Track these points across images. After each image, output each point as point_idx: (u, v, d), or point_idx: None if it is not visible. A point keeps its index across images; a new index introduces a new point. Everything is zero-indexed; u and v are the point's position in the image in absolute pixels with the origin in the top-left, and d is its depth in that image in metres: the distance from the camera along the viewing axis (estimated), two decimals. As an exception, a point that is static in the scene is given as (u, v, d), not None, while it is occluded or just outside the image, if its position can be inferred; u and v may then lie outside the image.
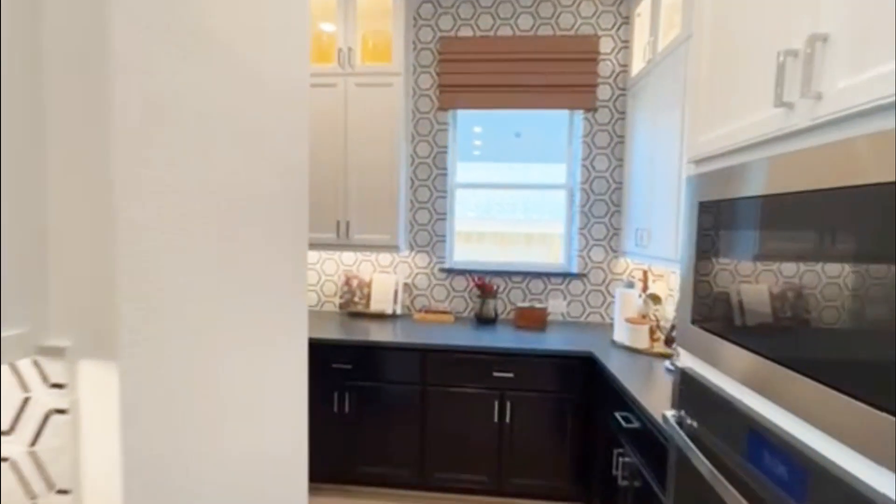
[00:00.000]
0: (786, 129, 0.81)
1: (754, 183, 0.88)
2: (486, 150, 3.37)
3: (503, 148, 6.06)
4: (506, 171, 6.00)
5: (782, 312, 0.80)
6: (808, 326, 0.74)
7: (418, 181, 2.73)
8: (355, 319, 2.57)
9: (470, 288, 2.71)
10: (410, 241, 2.75)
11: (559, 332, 2.40)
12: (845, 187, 0.66)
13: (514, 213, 5.02)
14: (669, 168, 1.93)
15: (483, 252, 5.09)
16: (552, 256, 4.00)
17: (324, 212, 2.48)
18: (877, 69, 0.63)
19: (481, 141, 6.15)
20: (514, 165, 5.31)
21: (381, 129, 2.41)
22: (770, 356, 0.82)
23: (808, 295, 0.74)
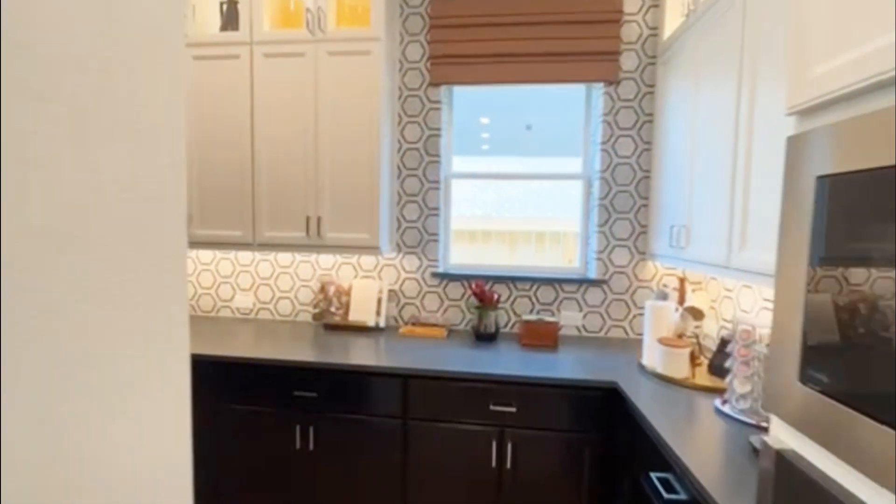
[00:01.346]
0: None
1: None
2: (494, 144, 2.96)
3: (513, 142, 5.52)
4: (516, 167, 5.54)
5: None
6: None
7: (406, 170, 2.32)
8: (331, 333, 2.18)
9: (467, 296, 2.29)
10: (397, 240, 2.34)
11: (574, 351, 1.97)
12: None
13: (521, 210, 4.59)
14: (720, 148, 1.49)
15: (483, 254, 4.65)
16: (566, 259, 3.55)
17: (290, 206, 2.09)
18: None
19: (488, 133, 5.66)
20: (526, 160, 4.85)
21: (360, 108, 2.01)
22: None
23: None
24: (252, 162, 2.10)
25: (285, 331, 2.22)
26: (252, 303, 2.48)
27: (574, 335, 2.23)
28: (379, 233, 2.03)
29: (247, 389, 1.81)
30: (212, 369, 1.83)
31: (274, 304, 2.47)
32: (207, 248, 2.16)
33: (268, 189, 2.10)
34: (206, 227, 2.16)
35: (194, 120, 2.13)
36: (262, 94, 2.07)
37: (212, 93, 2.11)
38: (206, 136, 2.13)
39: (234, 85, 2.08)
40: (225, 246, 2.15)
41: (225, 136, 2.11)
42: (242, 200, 2.12)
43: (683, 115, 1.79)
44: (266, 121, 2.08)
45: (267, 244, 2.12)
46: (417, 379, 1.71)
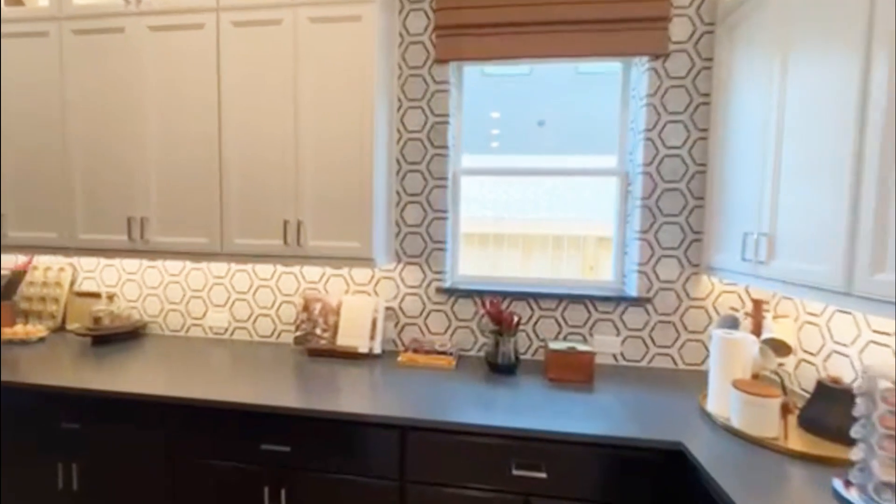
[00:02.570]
0: None
1: None
2: (503, 142, 2.57)
3: (523, 139, 5.07)
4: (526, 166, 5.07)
5: None
6: None
7: (407, 164, 1.94)
8: (316, 361, 1.80)
9: (480, 316, 1.91)
10: (396, 248, 1.96)
11: (613, 388, 1.57)
12: None
13: (536, 212, 4.17)
14: (830, 134, 1.08)
15: (495, 262, 4.20)
16: (585, 266, 3.15)
17: (264, 208, 1.72)
18: None
19: (498, 129, 5.20)
20: (537, 159, 4.41)
21: (350, 90, 1.63)
22: None
23: None
24: (219, 155, 1.73)
25: (263, 356, 1.85)
26: (227, 321, 2.12)
27: (610, 364, 1.83)
28: (372, 241, 1.65)
29: (203, 439, 1.44)
30: (157, 411, 1.46)
31: (252, 322, 2.10)
32: (166, 257, 1.80)
33: (239, 187, 1.73)
34: (164, 234, 1.80)
35: (151, 104, 1.76)
36: (232, 72, 1.70)
37: (171, 71, 1.74)
38: (165, 123, 1.76)
39: (199, 61, 1.71)
40: (187, 256, 1.79)
41: (187, 124, 1.75)
42: (208, 201, 1.75)
43: (760, 93, 1.39)
44: (236, 105, 1.71)
45: (237, 254, 1.75)
46: (419, 431, 1.33)
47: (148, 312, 2.19)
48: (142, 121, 1.77)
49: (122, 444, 1.50)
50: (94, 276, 2.23)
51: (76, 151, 1.83)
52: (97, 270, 2.22)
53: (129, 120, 1.78)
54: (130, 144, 1.79)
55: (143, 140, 1.78)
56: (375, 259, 1.67)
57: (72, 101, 1.82)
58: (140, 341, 2.04)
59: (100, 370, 1.65)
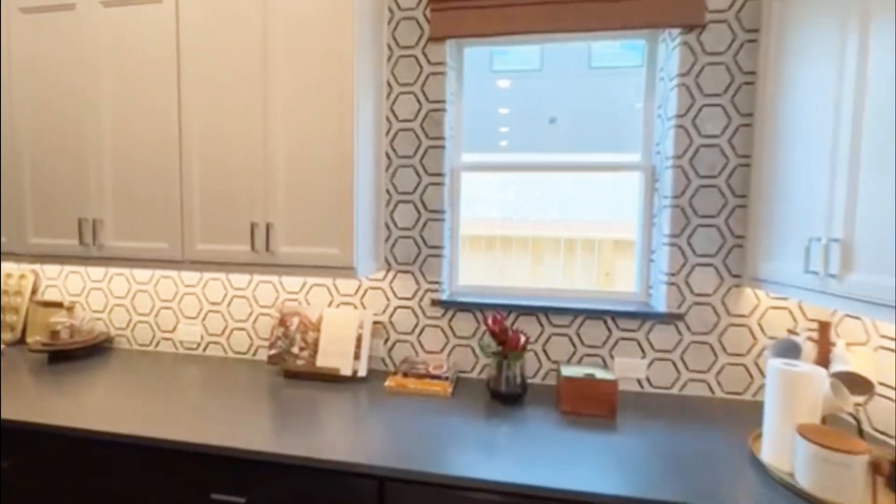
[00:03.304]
0: None
1: None
2: (512, 141, 2.34)
3: (534, 137, 4.69)
4: (535, 172, 4.75)
5: None
6: None
7: (398, 159, 1.69)
8: (292, 385, 1.56)
9: (482, 333, 1.65)
10: (386, 255, 1.72)
11: (640, 423, 1.30)
12: None
13: (545, 213, 3.90)
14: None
15: (507, 270, 3.92)
16: (601, 273, 2.90)
17: (229, 209, 1.48)
18: None
19: (506, 128, 4.90)
20: (551, 157, 4.15)
21: (326, 71, 1.39)
22: None
23: None
24: (179, 146, 1.50)
25: (234, 378, 1.62)
26: (199, 335, 1.90)
27: (634, 391, 1.56)
28: (353, 246, 1.41)
29: (142, 483, 1.21)
30: (91, 449, 1.24)
31: (227, 337, 1.87)
32: (124, 265, 1.58)
33: (201, 184, 1.50)
34: (121, 238, 1.58)
35: (105, 91, 1.54)
36: (193, 53, 1.47)
37: (127, 53, 1.52)
38: (120, 112, 1.54)
39: (157, 42, 1.49)
40: (145, 263, 1.56)
41: (144, 113, 1.52)
42: (167, 201, 1.53)
43: (828, 67, 1.11)
44: (198, 89, 1.48)
45: (200, 261, 1.52)
46: (401, 483, 1.08)
47: (115, 324, 1.98)
48: (95, 111, 1.56)
49: (50, 485, 1.28)
50: (57, 284, 2.03)
51: (24, 144, 1.63)
52: (60, 278, 2.02)
53: (82, 110, 1.57)
54: (83, 136, 1.58)
55: (97, 131, 1.56)
56: (357, 268, 1.43)
57: (18, 90, 1.61)
58: (103, 357, 1.82)
59: (43, 396, 1.43)
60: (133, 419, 1.27)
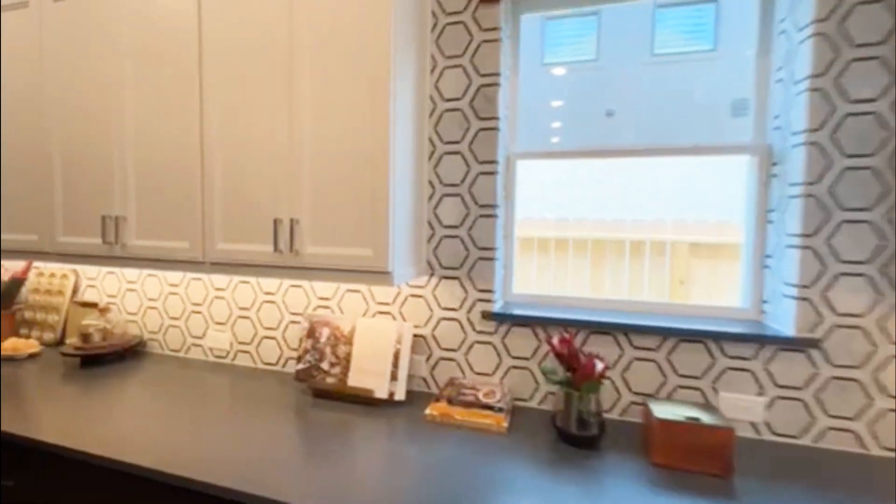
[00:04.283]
0: None
1: None
2: (564, 137, 2.03)
3: (588, 133, 4.27)
4: (596, 167, 4.37)
5: None
6: None
7: (443, 145, 1.44)
8: (320, 406, 1.35)
9: (544, 354, 1.36)
10: (429, 257, 1.47)
11: (767, 492, 0.95)
12: None
13: (620, 212, 3.51)
14: None
15: (559, 280, 3.60)
16: (675, 281, 2.60)
17: (251, 204, 1.30)
18: None
19: (559, 122, 4.53)
20: (613, 161, 3.72)
21: (358, 45, 1.17)
22: None
23: None
24: (201, 137, 1.35)
25: (260, 393, 1.44)
26: (229, 342, 1.75)
27: (748, 438, 1.19)
28: (389, 247, 1.17)
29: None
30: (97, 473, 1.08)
31: (256, 345, 1.71)
32: (146, 265, 1.45)
33: (222, 177, 1.33)
34: (144, 237, 1.45)
35: (128, 81, 1.43)
36: (215, 34, 1.31)
37: (149, 38, 1.39)
38: (143, 102, 1.42)
39: (178, 23, 1.35)
40: (166, 264, 1.42)
41: (162, 100, 1.39)
42: (188, 197, 1.37)
43: None
44: (219, 73, 1.31)
45: (221, 262, 1.35)
46: (444, 558, 0.81)
47: (148, 328, 1.89)
48: (119, 105, 1.44)
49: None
50: (95, 285, 1.98)
51: (55, 144, 1.55)
52: (98, 278, 1.97)
53: (107, 105, 1.46)
54: (108, 132, 1.47)
55: (120, 125, 1.45)
56: (394, 273, 1.19)
57: (50, 86, 1.54)
58: (133, 363, 1.72)
59: (64, 407, 1.32)
60: (147, 444, 1.11)
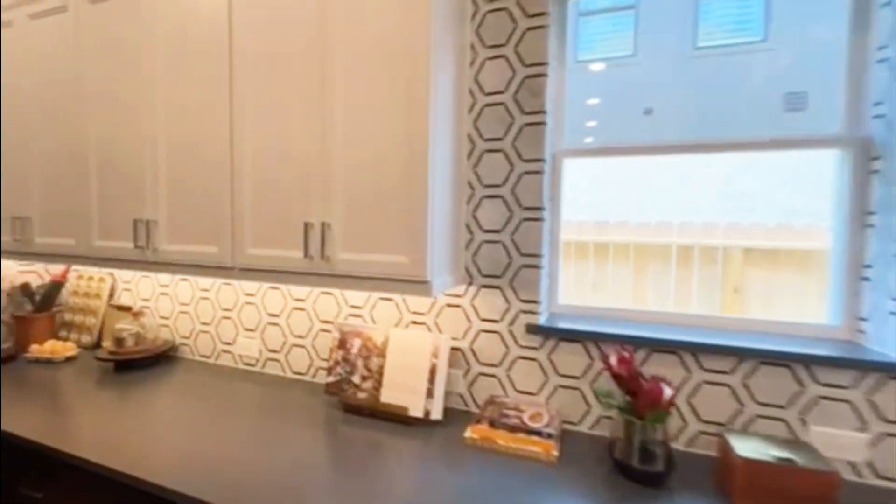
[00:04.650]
0: None
1: None
2: (598, 137, 1.86)
3: (625, 131, 4.18)
4: (637, 166, 4.20)
5: None
6: None
7: (483, 142, 1.33)
8: (350, 422, 1.27)
9: (596, 373, 1.22)
10: (468, 264, 1.36)
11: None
12: None
13: (666, 216, 3.32)
14: None
15: (598, 287, 3.47)
16: (728, 289, 2.45)
17: (281, 208, 1.23)
18: None
19: (594, 121, 4.44)
20: (657, 160, 3.59)
21: (394, 38, 1.08)
22: None
23: None
24: (231, 139, 1.29)
25: (289, 405, 1.37)
26: (258, 349, 1.70)
27: (849, 482, 1.01)
28: (427, 254, 1.07)
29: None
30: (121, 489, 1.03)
31: (285, 353, 1.65)
32: (176, 270, 1.41)
33: (253, 180, 1.27)
34: (174, 241, 1.41)
35: (161, 86, 1.39)
36: (245, 35, 1.25)
37: (179, 40, 1.35)
38: (173, 102, 1.38)
39: (208, 24, 1.30)
40: (195, 269, 1.38)
41: (193, 103, 1.34)
42: (217, 200, 1.32)
43: None
44: (250, 74, 1.25)
45: (250, 268, 1.29)
46: None
47: (179, 332, 1.86)
48: (150, 108, 1.41)
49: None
50: (130, 288, 1.98)
51: (91, 147, 1.54)
52: (133, 281, 1.97)
53: (139, 109, 1.44)
54: (140, 136, 1.44)
55: (152, 129, 1.42)
56: (432, 282, 1.08)
57: (87, 91, 1.53)
58: (165, 368, 1.70)
59: (96, 417, 1.29)
60: (175, 463, 1.05)
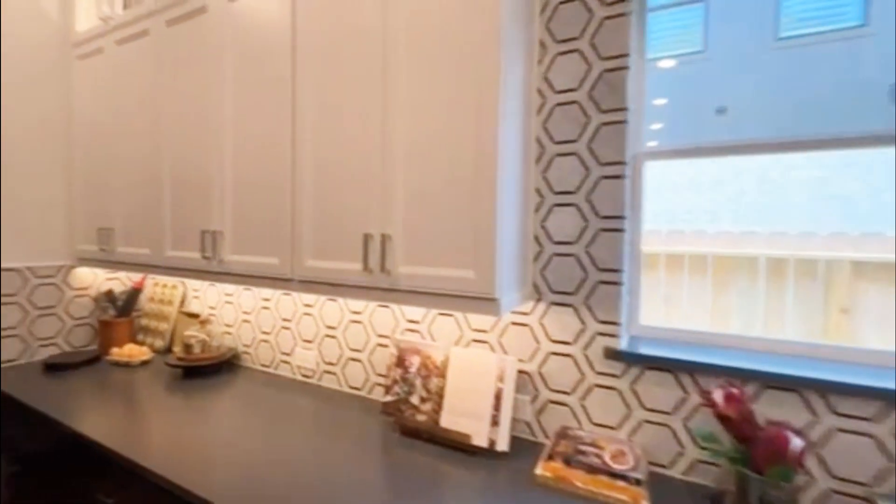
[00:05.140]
0: None
1: None
2: (663, 139, 1.69)
3: (693, 135, 3.63)
4: (707, 169, 3.86)
5: None
6: None
7: (553, 145, 1.21)
8: (409, 447, 1.18)
9: (692, 408, 1.04)
10: (535, 279, 1.24)
11: None
12: None
13: (752, 225, 3.00)
14: None
15: (671, 303, 3.20)
16: (837, 310, 2.16)
17: (341, 218, 1.18)
18: None
19: (660, 124, 4.04)
20: (730, 162, 3.30)
21: (461, 37, 1.00)
22: None
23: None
24: (293, 150, 1.28)
25: (344, 422, 1.31)
26: (315, 361, 1.68)
27: None
28: (496, 269, 0.96)
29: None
30: None
31: (342, 366, 1.61)
32: (239, 281, 1.42)
33: (314, 191, 1.24)
34: (238, 252, 1.42)
35: (227, 98, 1.42)
36: (307, 47, 1.23)
37: (245, 50, 1.37)
38: (239, 114, 1.40)
39: (273, 38, 1.30)
40: (256, 280, 1.37)
41: (258, 117, 1.35)
42: (279, 210, 1.31)
43: None
44: (312, 85, 1.23)
45: (309, 280, 1.26)
46: None
47: (242, 340, 1.90)
48: (218, 123, 1.44)
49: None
50: (199, 296, 2.06)
51: (166, 161, 1.61)
52: (202, 289, 2.04)
53: (208, 125, 1.48)
54: (209, 150, 1.48)
55: (220, 142, 1.45)
56: (500, 299, 0.98)
57: (164, 108, 1.61)
58: (227, 376, 1.73)
59: (163, 424, 1.31)
60: (235, 479, 1.02)
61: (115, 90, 1.77)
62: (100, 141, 1.85)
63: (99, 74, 1.83)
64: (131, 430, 1.25)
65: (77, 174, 1.95)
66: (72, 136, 1.96)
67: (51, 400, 1.46)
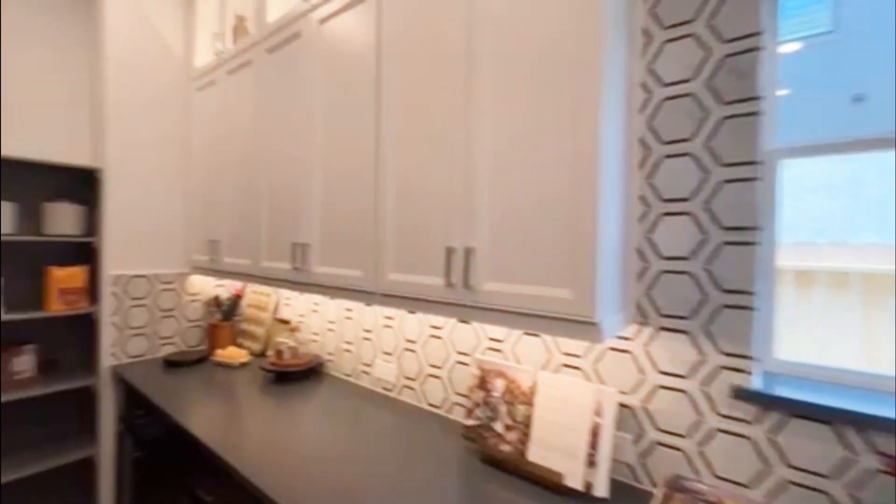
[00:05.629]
0: None
1: None
2: (787, 133, 1.37)
3: (824, 127, 3.01)
4: (837, 167, 3.27)
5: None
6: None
7: (661, 146, 1.05)
8: (491, 479, 1.09)
9: (863, 473, 0.80)
10: (639, 300, 1.08)
11: None
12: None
13: None
14: None
15: (797, 326, 2.71)
16: None
17: (423, 231, 1.14)
18: None
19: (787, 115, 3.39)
20: (866, 156, 2.71)
21: (554, 26, 0.91)
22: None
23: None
24: (375, 160, 1.27)
25: (423, 443, 1.26)
26: (395, 375, 1.66)
27: None
28: (595, 287, 0.84)
29: None
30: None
31: (421, 382, 1.57)
32: (325, 292, 1.45)
33: (397, 202, 1.22)
34: (325, 264, 1.46)
35: (317, 117, 1.48)
36: (391, 59, 1.23)
37: (333, 69, 1.41)
38: (327, 132, 1.44)
39: (358, 60, 1.32)
40: (340, 292, 1.39)
41: (343, 129, 1.37)
42: (363, 223, 1.31)
43: None
44: (397, 82, 1.22)
45: (390, 294, 1.23)
46: None
47: (326, 349, 1.96)
48: (309, 142, 1.51)
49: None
50: (290, 303, 2.18)
51: (262, 176, 1.73)
52: (293, 297, 2.16)
53: (300, 135, 1.55)
54: (300, 168, 1.55)
55: (309, 160, 1.51)
56: (601, 323, 0.85)
57: (263, 130, 1.73)
58: (313, 384, 1.78)
59: (256, 425, 1.37)
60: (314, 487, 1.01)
61: (224, 117, 1.96)
62: (211, 162, 2.06)
63: (213, 103, 2.05)
64: (228, 430, 1.33)
65: (193, 192, 2.19)
66: (189, 159, 2.21)
67: (166, 393, 1.62)
